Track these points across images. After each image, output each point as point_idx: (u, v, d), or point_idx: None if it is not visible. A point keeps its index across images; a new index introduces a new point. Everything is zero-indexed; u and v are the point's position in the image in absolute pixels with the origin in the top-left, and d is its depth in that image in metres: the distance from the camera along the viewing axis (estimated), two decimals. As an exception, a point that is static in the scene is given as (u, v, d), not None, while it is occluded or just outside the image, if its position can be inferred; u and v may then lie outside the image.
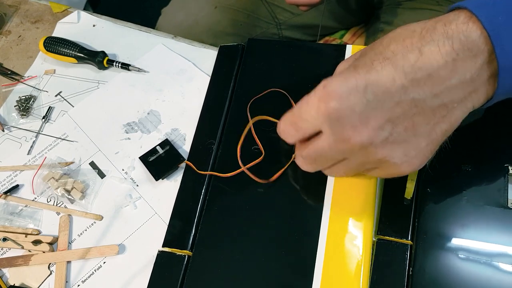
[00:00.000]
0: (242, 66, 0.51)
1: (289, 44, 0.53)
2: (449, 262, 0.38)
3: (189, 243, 0.43)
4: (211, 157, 0.46)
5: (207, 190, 0.45)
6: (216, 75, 0.52)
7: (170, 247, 0.43)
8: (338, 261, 0.39)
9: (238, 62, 0.52)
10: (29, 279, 0.45)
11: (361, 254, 0.39)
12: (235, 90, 0.50)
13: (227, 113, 0.49)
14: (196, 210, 0.44)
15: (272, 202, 0.43)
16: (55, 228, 0.48)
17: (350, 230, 0.40)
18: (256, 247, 0.41)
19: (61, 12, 0.65)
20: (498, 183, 0.40)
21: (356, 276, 0.38)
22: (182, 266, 0.42)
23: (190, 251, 0.42)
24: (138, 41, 0.59)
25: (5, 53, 0.62)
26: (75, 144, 0.53)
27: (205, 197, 0.45)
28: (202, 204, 0.44)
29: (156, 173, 0.48)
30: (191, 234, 0.43)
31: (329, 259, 0.39)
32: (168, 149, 0.49)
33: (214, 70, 0.53)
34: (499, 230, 0.38)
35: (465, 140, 0.43)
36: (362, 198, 0.41)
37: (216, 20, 0.73)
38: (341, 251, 0.39)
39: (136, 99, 0.55)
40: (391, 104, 0.31)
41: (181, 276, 0.41)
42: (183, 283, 0.41)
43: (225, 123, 0.49)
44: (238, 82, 0.50)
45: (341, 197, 0.42)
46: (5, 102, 0.58)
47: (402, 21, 0.66)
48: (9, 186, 0.51)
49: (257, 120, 0.47)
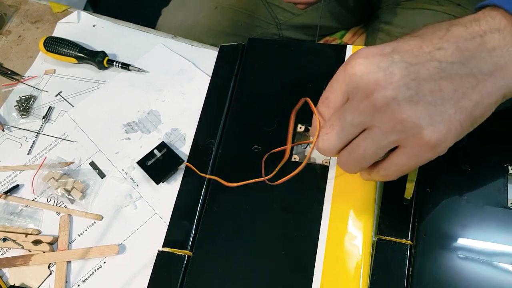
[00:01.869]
0: (243, 66, 0.51)
1: (289, 44, 0.53)
2: (449, 262, 0.38)
3: (189, 243, 0.43)
4: (211, 157, 0.46)
5: (207, 190, 0.45)
6: (217, 75, 0.52)
7: (170, 247, 0.43)
8: (338, 260, 0.39)
9: (239, 62, 0.52)
10: (29, 279, 0.45)
11: (361, 253, 0.39)
12: (235, 90, 0.50)
13: (227, 113, 0.49)
14: (196, 210, 0.44)
15: (272, 202, 0.43)
16: (55, 228, 0.48)
17: (350, 230, 0.40)
18: (256, 247, 0.41)
19: (61, 12, 0.65)
20: (498, 183, 0.40)
21: (356, 276, 0.38)
22: (182, 266, 0.42)
23: (190, 251, 0.42)
24: (138, 41, 0.59)
25: (5, 53, 0.62)
26: (75, 144, 0.53)
27: (205, 197, 0.45)
28: (202, 204, 0.44)
29: (156, 177, 0.48)
30: (191, 234, 0.43)
31: (329, 258, 0.39)
32: (165, 152, 0.48)
33: (214, 70, 0.53)
34: (499, 230, 0.38)
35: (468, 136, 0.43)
36: (362, 197, 0.41)
37: (216, 20, 0.73)
38: (341, 251, 0.39)
39: (136, 99, 0.55)
40: (417, 65, 0.31)
41: (181, 276, 0.41)
42: (183, 283, 0.41)
43: (225, 122, 0.49)
44: (239, 82, 0.50)
45: (341, 196, 0.42)
46: (5, 102, 0.58)
47: (402, 21, 0.66)
48: (9, 186, 0.51)
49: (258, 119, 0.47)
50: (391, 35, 0.66)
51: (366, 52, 0.32)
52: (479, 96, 0.31)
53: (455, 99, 0.31)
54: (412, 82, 0.31)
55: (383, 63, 0.31)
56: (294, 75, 0.49)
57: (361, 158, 0.34)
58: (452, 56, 0.31)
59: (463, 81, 0.31)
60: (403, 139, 0.32)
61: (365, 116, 0.32)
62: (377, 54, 0.32)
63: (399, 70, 0.31)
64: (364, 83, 0.31)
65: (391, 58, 0.31)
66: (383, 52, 0.32)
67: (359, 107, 0.32)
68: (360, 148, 0.33)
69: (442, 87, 0.31)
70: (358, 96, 0.32)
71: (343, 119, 0.33)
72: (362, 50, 0.32)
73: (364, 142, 0.33)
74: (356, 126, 0.33)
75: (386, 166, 0.34)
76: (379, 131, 0.32)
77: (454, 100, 0.31)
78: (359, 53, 0.32)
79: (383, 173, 0.35)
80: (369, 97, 0.31)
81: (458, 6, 0.63)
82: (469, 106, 0.31)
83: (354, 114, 0.32)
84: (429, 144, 0.31)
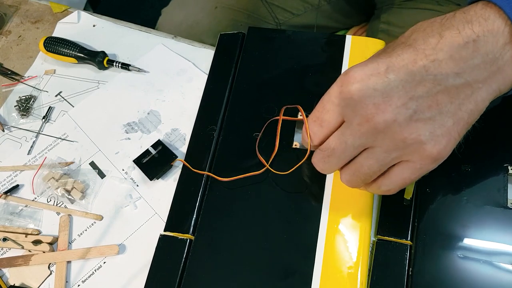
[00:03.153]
0: (243, 54, 0.52)
1: (289, 33, 0.53)
2: (449, 262, 0.38)
3: (191, 227, 0.43)
4: (212, 144, 0.47)
5: (208, 176, 0.45)
6: (217, 63, 0.52)
7: (172, 231, 0.43)
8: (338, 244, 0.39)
9: (239, 51, 0.52)
10: (29, 279, 0.45)
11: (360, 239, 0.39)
12: (235, 78, 0.50)
13: (228, 100, 0.49)
14: (198, 193, 0.44)
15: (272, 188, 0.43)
16: (55, 228, 0.48)
17: (349, 225, 0.40)
18: (257, 231, 0.41)
19: (61, 12, 0.65)
20: (498, 183, 0.40)
21: (356, 260, 0.38)
22: (184, 250, 0.42)
23: (192, 235, 0.42)
24: (138, 41, 0.59)
25: (5, 53, 0.62)
26: (75, 144, 0.53)
27: (206, 181, 0.45)
28: (204, 187, 0.45)
29: (149, 173, 0.48)
30: (193, 218, 0.43)
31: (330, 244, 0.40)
32: (160, 149, 0.49)
33: (214, 58, 0.53)
34: (499, 230, 0.38)
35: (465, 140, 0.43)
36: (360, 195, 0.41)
37: (216, 20, 0.73)
38: (341, 241, 0.40)
39: (136, 99, 0.55)
40: (413, 83, 0.31)
41: (183, 260, 0.41)
42: (185, 267, 0.41)
43: (226, 109, 0.49)
44: (239, 70, 0.51)
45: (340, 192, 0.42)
46: (5, 102, 0.58)
47: (402, 21, 0.66)
48: (9, 186, 0.51)
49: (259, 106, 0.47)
50: (391, 35, 0.66)
51: (361, 74, 0.32)
52: (474, 104, 0.32)
53: (452, 111, 0.32)
54: (410, 101, 0.31)
55: (380, 85, 0.31)
56: (294, 63, 0.50)
57: (366, 176, 0.35)
58: (447, 67, 0.31)
59: (459, 92, 0.31)
60: (406, 154, 0.33)
61: (366, 139, 0.33)
62: (372, 75, 0.31)
63: (396, 91, 0.31)
64: (362, 108, 0.32)
65: (387, 79, 0.31)
66: (378, 72, 0.31)
67: (360, 130, 0.32)
68: (364, 167, 0.34)
69: (439, 101, 0.31)
70: (357, 120, 0.32)
71: (344, 142, 0.34)
72: (356, 71, 0.32)
73: (367, 161, 0.34)
74: (357, 148, 0.34)
75: (388, 182, 0.35)
76: (381, 150, 0.33)
77: (451, 112, 0.32)
78: (353, 75, 0.32)
79: (385, 189, 0.35)
80: (369, 121, 0.32)
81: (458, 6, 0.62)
82: (465, 115, 0.32)
83: (355, 137, 0.33)
84: (431, 157, 0.32)
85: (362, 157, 0.34)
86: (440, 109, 0.31)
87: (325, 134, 0.35)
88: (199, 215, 0.43)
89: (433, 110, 0.31)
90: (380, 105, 0.31)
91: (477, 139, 0.42)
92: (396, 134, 0.32)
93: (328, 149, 0.35)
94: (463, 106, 0.32)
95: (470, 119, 0.32)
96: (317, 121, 0.35)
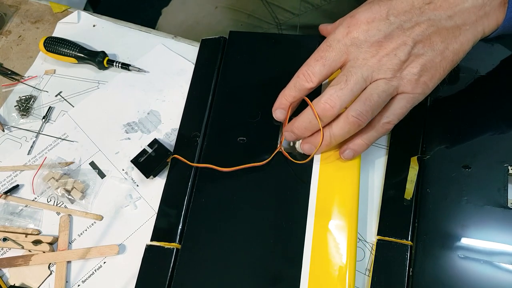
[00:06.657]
0: (225, 59, 0.52)
1: (271, 36, 0.54)
2: (449, 263, 0.38)
3: (177, 235, 0.42)
4: (197, 150, 0.46)
5: (194, 182, 0.45)
6: (199, 68, 0.53)
7: (158, 240, 0.43)
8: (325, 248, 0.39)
9: (220, 55, 0.52)
10: (29, 279, 0.45)
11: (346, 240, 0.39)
12: (218, 82, 0.50)
13: (211, 105, 0.49)
14: (184, 202, 0.44)
15: (260, 192, 0.43)
16: (55, 228, 0.48)
17: (335, 227, 0.40)
18: (244, 238, 0.41)
19: (61, 12, 0.65)
20: (498, 183, 0.40)
21: (342, 263, 0.38)
22: (171, 260, 0.41)
23: (179, 243, 0.42)
24: (138, 41, 0.59)
25: (5, 53, 0.62)
26: (75, 144, 0.53)
27: (192, 189, 0.45)
28: (189, 196, 0.44)
29: (146, 171, 0.47)
30: (179, 226, 0.43)
31: (317, 247, 0.40)
32: (156, 148, 0.48)
33: (196, 63, 0.53)
34: (499, 230, 0.38)
35: (465, 140, 0.43)
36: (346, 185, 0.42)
37: (216, 20, 0.73)
38: (328, 244, 0.40)
39: (136, 99, 0.55)
40: (411, 23, 0.37)
41: (170, 269, 0.41)
42: (172, 276, 0.41)
43: (209, 115, 0.49)
44: (221, 74, 0.51)
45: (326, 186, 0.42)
46: (5, 102, 0.58)
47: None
48: (9, 186, 0.51)
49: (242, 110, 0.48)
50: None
51: (366, 16, 0.38)
52: (460, 44, 0.37)
53: (441, 49, 0.37)
54: (408, 39, 0.37)
55: (382, 26, 0.37)
56: (277, 66, 0.50)
57: (376, 105, 0.38)
58: (440, 9, 0.37)
59: (449, 33, 0.37)
60: (402, 86, 0.38)
61: (373, 71, 0.38)
62: (376, 19, 0.38)
63: (396, 31, 0.37)
64: (368, 44, 0.38)
65: (388, 21, 0.37)
66: (380, 16, 0.38)
67: (367, 64, 0.38)
68: (374, 95, 0.38)
69: (432, 40, 0.37)
70: (363, 55, 0.38)
71: (355, 73, 0.38)
72: (362, 14, 0.38)
73: (376, 91, 0.38)
74: (366, 80, 0.38)
75: (389, 113, 0.40)
76: (385, 80, 0.38)
77: (440, 51, 0.37)
78: (360, 17, 0.38)
79: (386, 120, 0.40)
80: (374, 56, 0.38)
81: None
82: (450, 54, 0.37)
83: (363, 70, 0.38)
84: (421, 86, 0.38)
85: (371, 88, 0.38)
86: (432, 47, 0.37)
87: (325, 73, 0.40)
88: (185, 224, 0.43)
89: (426, 47, 0.37)
90: (383, 43, 0.37)
91: (477, 139, 0.42)
92: (396, 65, 0.37)
93: (342, 81, 0.38)
94: (450, 45, 0.37)
95: (455, 57, 0.38)
96: (320, 60, 0.39)
